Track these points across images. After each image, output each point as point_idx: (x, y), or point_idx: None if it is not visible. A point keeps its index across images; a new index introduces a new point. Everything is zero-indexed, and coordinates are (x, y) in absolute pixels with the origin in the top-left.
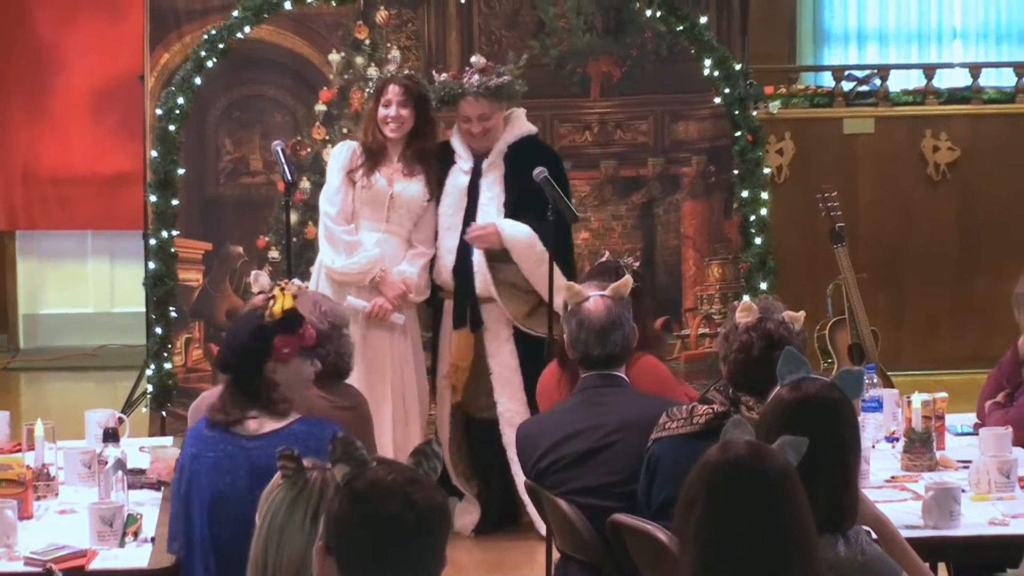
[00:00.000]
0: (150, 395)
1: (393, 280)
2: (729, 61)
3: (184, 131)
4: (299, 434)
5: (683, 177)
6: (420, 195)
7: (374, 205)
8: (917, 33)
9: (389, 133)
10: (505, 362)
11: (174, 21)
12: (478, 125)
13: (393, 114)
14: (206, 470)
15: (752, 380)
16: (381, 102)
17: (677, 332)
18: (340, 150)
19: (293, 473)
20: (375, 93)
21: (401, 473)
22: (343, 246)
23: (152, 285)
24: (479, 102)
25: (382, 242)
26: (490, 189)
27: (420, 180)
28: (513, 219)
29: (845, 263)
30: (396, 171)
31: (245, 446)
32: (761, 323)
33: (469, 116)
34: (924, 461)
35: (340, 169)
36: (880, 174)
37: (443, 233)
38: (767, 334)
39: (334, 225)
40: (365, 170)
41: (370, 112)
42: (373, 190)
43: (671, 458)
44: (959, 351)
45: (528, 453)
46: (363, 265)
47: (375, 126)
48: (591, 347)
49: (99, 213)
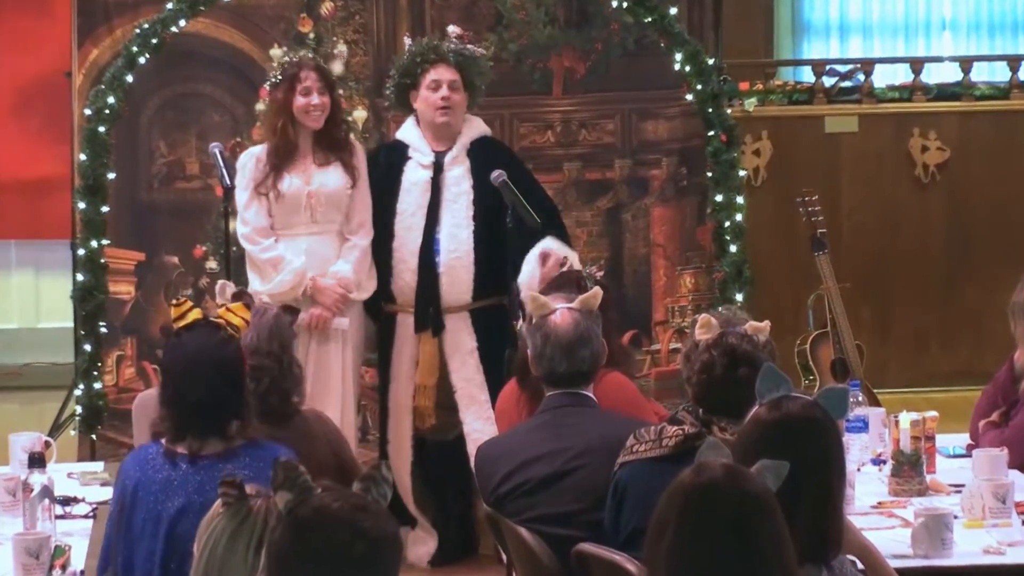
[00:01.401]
0: (79, 417)
1: (326, 285)
2: (701, 55)
3: (115, 132)
4: (248, 457)
5: (653, 180)
6: (342, 184)
7: (292, 210)
8: (904, 25)
9: (312, 124)
10: (469, 377)
11: (103, 14)
12: (448, 91)
13: (316, 102)
14: (152, 493)
15: (719, 401)
16: (298, 90)
17: (647, 347)
18: (243, 162)
19: (235, 501)
20: (287, 81)
21: (348, 500)
22: (263, 265)
23: (80, 299)
24: (451, 69)
25: (313, 246)
26: (457, 184)
27: (337, 167)
28: (483, 218)
29: (827, 272)
30: (309, 166)
31: (192, 469)
32: (722, 339)
33: (440, 81)
34: (913, 485)
35: (248, 183)
36: (864, 176)
37: (402, 234)
38: (729, 350)
39: (251, 246)
40: (273, 177)
41: (282, 104)
42: (287, 196)
43: (640, 483)
44: (950, 366)
45: (487, 477)
46: (290, 281)
47: (288, 120)
48: (557, 364)
49: (23, 221)
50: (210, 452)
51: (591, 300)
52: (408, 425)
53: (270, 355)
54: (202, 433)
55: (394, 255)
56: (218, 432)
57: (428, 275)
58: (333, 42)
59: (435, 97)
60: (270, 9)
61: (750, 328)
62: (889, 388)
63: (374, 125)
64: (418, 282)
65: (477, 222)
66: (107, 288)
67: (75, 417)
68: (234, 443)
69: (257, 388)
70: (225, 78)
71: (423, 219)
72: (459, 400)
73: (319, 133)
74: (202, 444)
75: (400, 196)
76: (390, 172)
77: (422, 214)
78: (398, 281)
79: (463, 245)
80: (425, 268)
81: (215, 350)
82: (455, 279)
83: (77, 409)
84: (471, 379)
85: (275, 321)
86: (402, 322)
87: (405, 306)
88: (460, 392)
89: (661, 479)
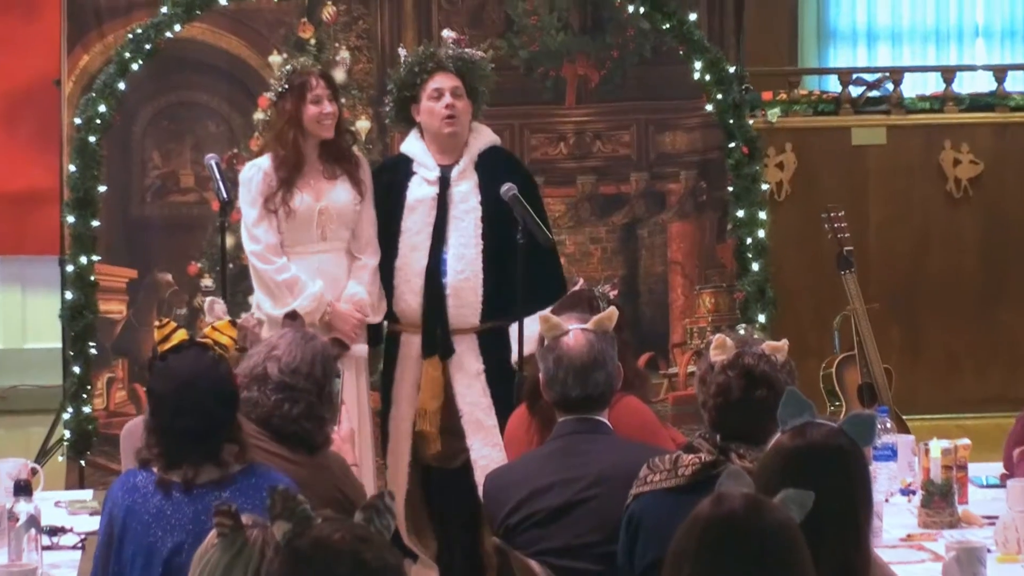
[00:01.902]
0: (67, 442)
1: (344, 310)
2: (722, 63)
3: (106, 143)
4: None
5: (670, 195)
6: (351, 200)
7: (303, 227)
8: (934, 31)
9: (325, 133)
10: (476, 402)
11: (95, 19)
12: (451, 100)
13: (329, 110)
14: (143, 524)
15: (737, 426)
16: (308, 99)
17: (663, 370)
18: (249, 175)
19: (230, 531)
20: (295, 90)
21: (350, 531)
22: (278, 288)
23: (69, 318)
24: (452, 76)
25: (324, 265)
26: (464, 201)
27: (345, 181)
28: (493, 237)
29: (854, 292)
30: (319, 180)
31: (187, 499)
32: (739, 359)
33: (441, 89)
34: (944, 517)
35: (255, 199)
36: (893, 191)
37: (407, 253)
38: (746, 371)
39: (263, 265)
40: (283, 192)
41: (291, 114)
42: (298, 212)
43: (654, 515)
44: (983, 392)
45: (497, 507)
46: (308, 307)
47: (299, 131)
48: (570, 388)
49: (9, 236)
50: (206, 480)
51: (606, 321)
52: (406, 452)
53: (310, 378)
54: (197, 461)
55: (398, 275)
56: (213, 459)
57: (435, 297)
58: (335, 48)
59: (439, 107)
60: (269, 14)
61: (767, 348)
62: (919, 414)
63: (378, 136)
64: (424, 304)
65: (486, 241)
66: (97, 307)
67: (63, 442)
68: (231, 469)
69: (291, 410)
70: (222, 86)
71: (429, 238)
72: (465, 425)
73: (325, 144)
74: (197, 472)
75: (404, 214)
76: (394, 188)
77: (428, 233)
78: (401, 302)
79: (471, 265)
80: (431, 290)
81: (207, 372)
82: (462, 301)
83: (65, 434)
84: (477, 403)
85: (323, 350)
86: (406, 342)
87: (409, 326)
88: (466, 417)
89: (677, 511)
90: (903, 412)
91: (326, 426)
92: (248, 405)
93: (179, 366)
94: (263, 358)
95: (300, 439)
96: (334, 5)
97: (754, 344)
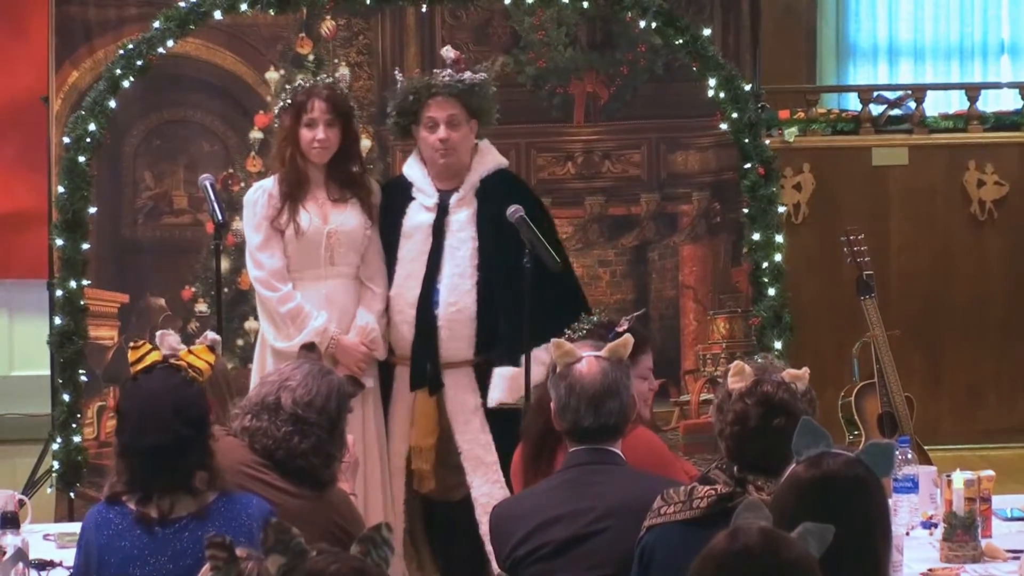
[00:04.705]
0: (56, 473)
1: (349, 343)
2: (737, 80)
3: (96, 163)
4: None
5: (682, 216)
6: (360, 224)
7: (311, 250)
8: (958, 48)
9: (315, 159)
10: (475, 438)
11: (84, 34)
12: (445, 132)
13: (321, 136)
14: (119, 561)
15: (755, 456)
16: (304, 121)
17: (675, 398)
18: (254, 197)
19: (224, 565)
20: (293, 108)
21: (346, 563)
22: (282, 319)
23: (58, 344)
24: (448, 102)
25: (333, 293)
26: (461, 230)
27: (355, 206)
28: (488, 268)
29: (874, 318)
30: (324, 202)
31: (165, 534)
32: (757, 387)
33: (436, 119)
34: (967, 551)
35: (260, 222)
36: (915, 213)
37: (401, 282)
38: (765, 399)
39: (267, 292)
40: (290, 212)
41: (288, 133)
42: (306, 234)
43: (668, 549)
44: (1008, 422)
45: (503, 540)
46: (311, 341)
47: (296, 151)
48: (582, 417)
49: None
50: (183, 513)
51: (620, 348)
52: (400, 488)
53: (324, 413)
54: (167, 488)
55: (392, 304)
56: (184, 486)
57: (426, 329)
58: (334, 65)
59: (432, 138)
60: (266, 29)
61: (788, 376)
62: (941, 444)
63: (378, 155)
64: (415, 336)
65: (481, 272)
66: (87, 333)
67: (52, 473)
68: (206, 499)
69: (299, 444)
70: (216, 104)
71: (423, 267)
72: (465, 463)
73: (331, 168)
74: (172, 503)
75: (401, 241)
76: (391, 213)
77: (422, 261)
78: (395, 332)
79: (464, 298)
80: (423, 321)
81: (174, 391)
82: (455, 334)
83: (54, 465)
84: (477, 439)
85: (339, 387)
86: (399, 375)
87: (402, 358)
88: (466, 454)
89: (691, 544)
90: (925, 442)
91: (333, 463)
92: (253, 434)
93: (147, 385)
94: (276, 387)
95: (305, 474)
96: (333, 20)
97: (774, 371)
